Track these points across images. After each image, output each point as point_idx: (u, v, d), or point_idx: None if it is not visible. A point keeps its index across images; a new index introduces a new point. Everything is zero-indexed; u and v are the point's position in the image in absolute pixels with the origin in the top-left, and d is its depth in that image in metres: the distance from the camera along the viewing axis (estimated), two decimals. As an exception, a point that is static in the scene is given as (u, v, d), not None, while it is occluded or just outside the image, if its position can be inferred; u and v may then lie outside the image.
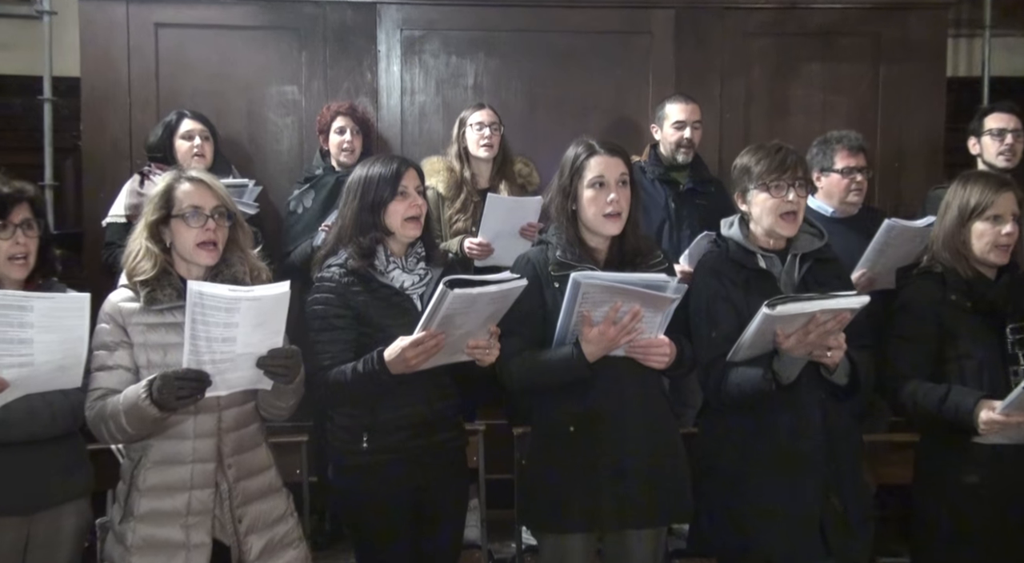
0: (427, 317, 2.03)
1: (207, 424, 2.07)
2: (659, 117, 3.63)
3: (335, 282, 2.24)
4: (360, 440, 2.26)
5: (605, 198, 2.24)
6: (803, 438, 2.24)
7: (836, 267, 2.40)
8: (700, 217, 3.45)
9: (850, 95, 4.14)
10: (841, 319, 2.08)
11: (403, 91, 4.07)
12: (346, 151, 3.61)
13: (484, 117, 3.50)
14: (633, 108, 4.02)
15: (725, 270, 2.32)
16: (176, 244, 2.10)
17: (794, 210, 2.27)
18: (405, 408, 2.26)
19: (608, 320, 2.11)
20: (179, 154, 3.47)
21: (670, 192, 3.52)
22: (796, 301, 2.05)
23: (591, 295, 2.09)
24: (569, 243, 2.28)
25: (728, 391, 2.23)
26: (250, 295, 1.89)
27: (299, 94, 4.03)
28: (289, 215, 3.68)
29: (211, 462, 2.07)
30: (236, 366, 1.95)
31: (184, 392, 1.90)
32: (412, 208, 2.27)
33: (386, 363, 2.11)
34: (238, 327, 1.89)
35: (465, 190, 3.48)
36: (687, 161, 3.57)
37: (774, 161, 2.28)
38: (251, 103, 4.02)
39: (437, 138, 4.00)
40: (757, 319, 2.08)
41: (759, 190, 2.29)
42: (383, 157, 2.35)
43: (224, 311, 1.87)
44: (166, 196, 2.09)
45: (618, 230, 2.28)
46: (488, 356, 2.16)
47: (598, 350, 2.15)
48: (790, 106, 4.14)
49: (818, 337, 2.08)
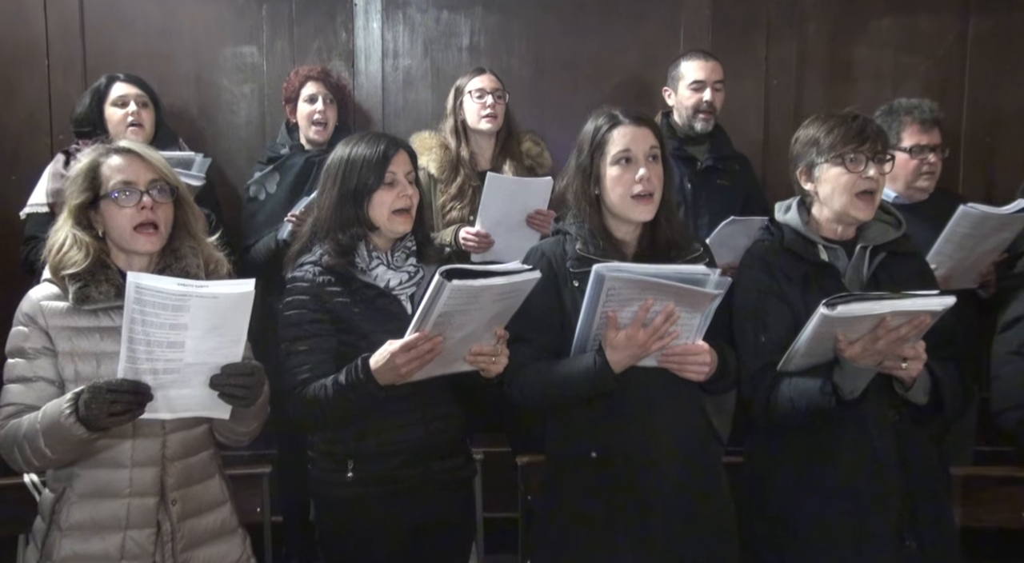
0: (421, 315, 2.03)
1: (148, 450, 2.05)
2: (673, 78, 3.62)
3: (309, 282, 2.25)
4: (344, 469, 2.26)
5: (633, 176, 2.23)
6: (871, 468, 2.23)
7: (916, 263, 2.39)
8: (721, 201, 3.45)
9: (930, 56, 4.10)
10: (919, 324, 2.06)
11: (385, 53, 4.07)
12: (318, 125, 3.61)
13: (485, 83, 3.49)
14: (661, 73, 3.99)
15: (778, 263, 2.31)
16: (109, 231, 2.08)
17: (873, 188, 2.29)
18: (396, 430, 2.26)
19: (637, 322, 2.08)
20: (111, 125, 3.44)
21: (686, 171, 3.52)
22: (862, 300, 2.04)
23: (617, 291, 2.07)
24: (591, 234, 2.27)
25: (779, 407, 2.22)
26: (203, 291, 1.86)
27: (259, 57, 4.02)
28: (249, 202, 3.66)
29: (152, 496, 2.05)
30: (184, 379, 1.92)
31: (118, 407, 1.86)
32: (401, 199, 2.29)
33: (372, 372, 2.11)
34: (187, 330, 1.87)
35: (462, 172, 3.46)
36: (706, 130, 3.57)
37: (851, 130, 2.28)
38: (201, 68, 4.01)
39: (425, 110, 4.00)
40: (814, 321, 2.07)
41: (831, 164, 2.30)
42: (369, 136, 2.36)
43: (171, 309, 1.84)
44: (91, 174, 2.08)
45: (650, 214, 2.26)
46: (494, 365, 2.15)
47: (625, 358, 2.12)
48: (853, 70, 4.11)
49: (889, 345, 2.07)
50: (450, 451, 2.35)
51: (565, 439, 2.30)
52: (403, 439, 2.27)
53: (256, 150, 3.90)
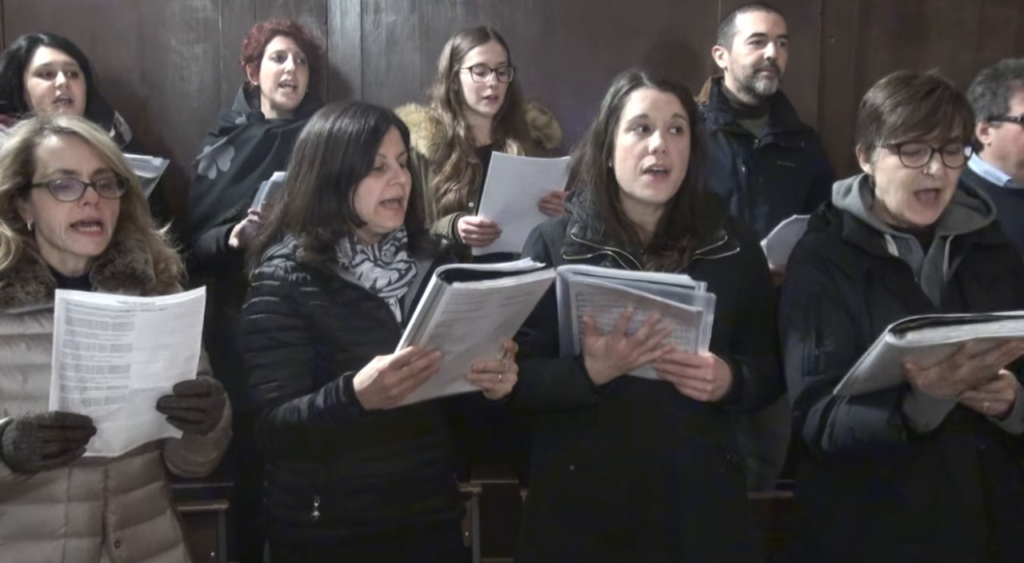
0: (415, 325, 2.03)
1: (88, 483, 2.06)
2: (726, 35, 3.63)
3: (280, 281, 2.25)
4: (309, 506, 2.26)
5: (646, 146, 2.26)
6: (950, 509, 2.22)
7: (1009, 258, 2.35)
8: (784, 187, 3.46)
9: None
10: (1010, 350, 1.97)
11: (364, 8, 4.09)
12: (286, 87, 3.62)
13: (487, 56, 3.50)
14: (697, 31, 4.02)
15: (836, 258, 2.31)
16: (40, 225, 2.09)
17: (937, 187, 2.22)
18: (371, 462, 2.27)
19: (618, 331, 2.14)
20: (33, 99, 3.47)
21: (741, 150, 3.54)
22: (937, 325, 1.96)
23: (588, 297, 2.13)
24: (596, 215, 2.30)
25: (836, 437, 2.20)
26: (148, 305, 1.87)
27: (213, 11, 4.04)
28: (197, 181, 3.66)
29: (91, 536, 2.06)
30: (132, 409, 1.94)
31: (52, 448, 1.88)
32: (392, 187, 2.28)
33: (356, 394, 2.11)
34: (131, 351, 1.88)
35: (458, 148, 3.50)
36: (770, 91, 3.56)
37: (918, 110, 2.20)
38: (143, 23, 4.02)
39: (412, 75, 4.02)
40: (878, 347, 2.02)
41: (888, 151, 2.24)
42: (353, 107, 2.33)
43: (111, 328, 1.85)
44: (23, 156, 2.08)
45: (662, 195, 2.28)
46: (501, 384, 2.17)
47: (606, 368, 2.18)
48: (928, 25, 4.13)
49: (972, 372, 2.01)
50: (434, 489, 2.36)
51: (544, 448, 2.35)
52: (379, 472, 2.27)
53: (210, 123, 3.87)
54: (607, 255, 2.27)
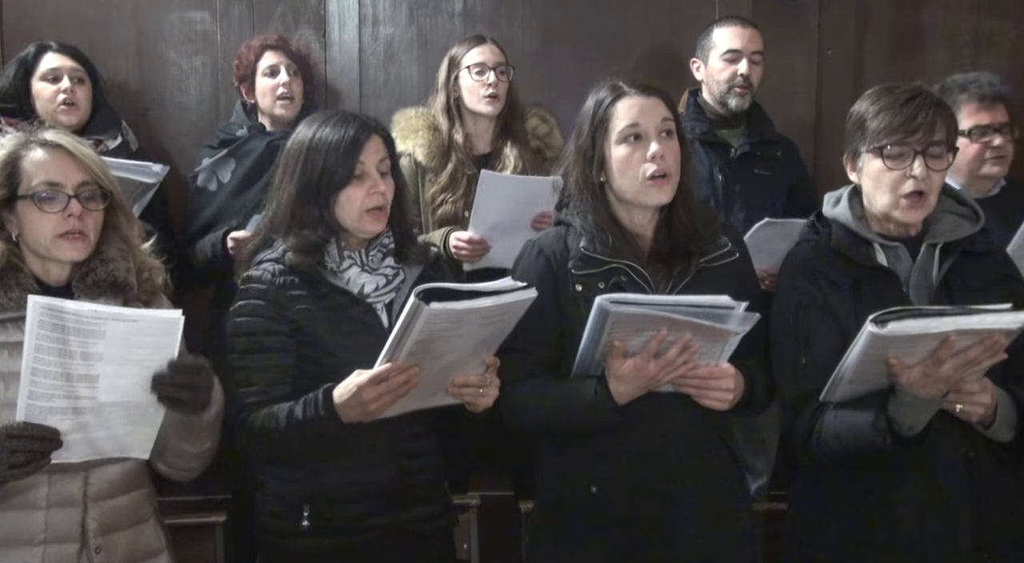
0: (393, 343, 2.03)
1: (67, 489, 2.06)
2: (703, 48, 3.65)
3: (267, 285, 2.25)
4: (299, 515, 2.26)
5: (644, 154, 2.26)
6: (939, 517, 2.22)
7: (998, 264, 2.37)
8: (760, 194, 3.47)
9: (1022, 21, 4.10)
10: (991, 345, 2.02)
11: (363, 20, 4.09)
12: (284, 99, 3.62)
13: (486, 56, 3.51)
14: (692, 43, 3.97)
15: (824, 267, 2.32)
16: (26, 236, 2.11)
17: (921, 189, 2.25)
18: (362, 470, 2.27)
19: (648, 353, 2.13)
20: (40, 102, 3.49)
21: (717, 159, 3.55)
22: (918, 316, 2.01)
23: (624, 324, 2.10)
24: (599, 228, 2.29)
25: (824, 445, 2.22)
26: (120, 315, 1.88)
27: (212, 23, 4.05)
28: (195, 194, 3.66)
29: (72, 543, 2.06)
30: (99, 420, 1.95)
31: (19, 458, 1.89)
32: (372, 197, 2.29)
33: (335, 407, 2.12)
34: (101, 361, 1.90)
35: (455, 157, 3.49)
36: (741, 108, 3.59)
37: (900, 115, 2.25)
38: (142, 36, 4.03)
39: (410, 87, 4.02)
40: (861, 340, 2.06)
41: (872, 155, 2.29)
42: (335, 116, 2.35)
43: (82, 336, 1.87)
44: (9, 168, 2.11)
45: (668, 196, 2.29)
46: (482, 398, 2.18)
47: (631, 390, 2.17)
48: (925, 37, 4.13)
49: (956, 370, 2.04)
50: (426, 497, 2.36)
51: (558, 470, 2.33)
52: (371, 480, 2.27)
53: (209, 135, 3.87)
54: (619, 269, 2.25)
